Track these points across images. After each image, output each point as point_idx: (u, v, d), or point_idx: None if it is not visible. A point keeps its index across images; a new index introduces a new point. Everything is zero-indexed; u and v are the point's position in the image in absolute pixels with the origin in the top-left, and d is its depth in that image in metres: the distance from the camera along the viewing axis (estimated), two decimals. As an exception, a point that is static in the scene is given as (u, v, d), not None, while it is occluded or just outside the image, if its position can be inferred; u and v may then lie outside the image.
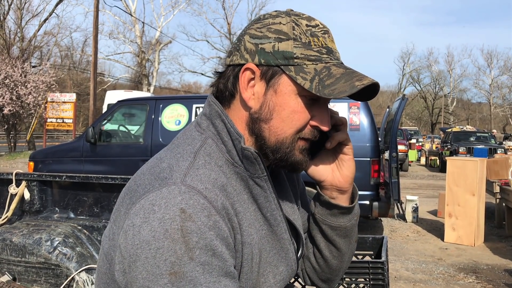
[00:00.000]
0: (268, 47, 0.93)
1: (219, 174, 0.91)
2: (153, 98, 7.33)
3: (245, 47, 0.95)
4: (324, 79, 0.91)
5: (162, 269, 0.78)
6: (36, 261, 2.21)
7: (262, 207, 0.97)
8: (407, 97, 6.86)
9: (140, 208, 0.83)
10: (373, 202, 5.83)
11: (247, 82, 0.95)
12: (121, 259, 0.84)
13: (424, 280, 4.65)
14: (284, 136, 0.95)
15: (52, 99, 19.94)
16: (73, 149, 7.01)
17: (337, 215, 1.09)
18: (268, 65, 0.93)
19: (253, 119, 0.96)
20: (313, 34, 0.94)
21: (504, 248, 5.96)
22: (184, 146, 0.95)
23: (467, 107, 67.50)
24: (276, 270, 1.00)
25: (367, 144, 5.92)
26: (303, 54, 0.92)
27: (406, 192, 10.37)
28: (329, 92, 0.89)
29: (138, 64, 36.76)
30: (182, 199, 0.82)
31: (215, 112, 0.98)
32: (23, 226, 2.35)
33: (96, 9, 19.82)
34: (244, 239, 0.91)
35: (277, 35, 0.93)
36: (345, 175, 1.06)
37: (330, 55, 0.95)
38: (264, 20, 0.96)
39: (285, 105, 0.93)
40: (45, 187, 2.58)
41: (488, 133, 21.01)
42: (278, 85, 0.93)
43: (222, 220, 0.84)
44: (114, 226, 0.91)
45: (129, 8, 33.82)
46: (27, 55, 27.37)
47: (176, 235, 0.78)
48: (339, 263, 1.16)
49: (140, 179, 0.91)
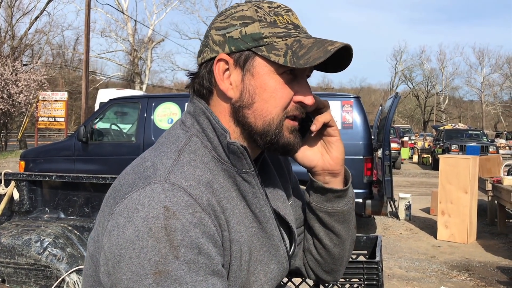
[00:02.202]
0: (235, 34, 0.93)
1: (205, 171, 0.90)
2: (145, 96, 7.29)
3: (213, 40, 0.95)
4: (297, 51, 0.91)
5: (147, 269, 0.76)
6: (26, 263, 2.18)
7: (251, 203, 0.96)
8: (399, 95, 6.88)
9: (123, 207, 0.81)
10: (366, 200, 5.83)
11: (223, 73, 0.94)
12: (105, 260, 0.82)
13: (418, 278, 4.66)
14: (271, 117, 0.94)
15: (44, 97, 19.84)
16: (65, 148, 6.96)
17: (332, 200, 1.08)
18: (239, 51, 0.93)
19: (235, 108, 0.95)
20: (276, 13, 0.95)
21: (496, 245, 5.98)
22: (169, 144, 0.94)
23: (459, 105, 67.95)
24: (267, 268, 0.98)
25: (360, 142, 5.92)
26: (271, 33, 0.92)
27: (399, 190, 10.39)
28: (304, 61, 0.89)
29: (131, 62, 36.64)
30: (165, 196, 0.80)
31: (199, 110, 0.96)
32: (12, 227, 2.32)
33: (88, 7, 19.70)
34: (232, 236, 0.89)
35: (242, 20, 0.93)
36: (335, 157, 1.05)
37: (297, 29, 0.95)
38: (226, 12, 0.97)
39: (265, 86, 0.93)
40: (34, 187, 2.54)
41: (480, 131, 21.14)
42: (253, 68, 0.93)
43: (208, 217, 0.83)
44: (99, 227, 0.89)
45: (121, 6, 33.68)
46: (18, 53, 27.17)
47: (160, 234, 0.77)
48: (341, 251, 1.14)
49: (124, 179, 0.90)
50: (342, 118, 6.01)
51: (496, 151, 17.24)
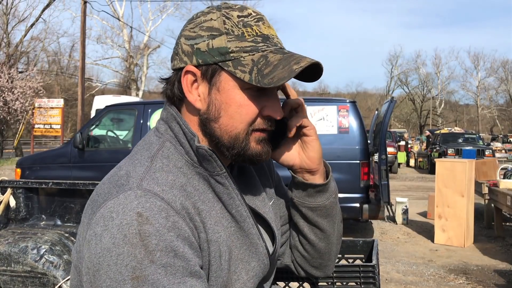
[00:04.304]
0: (203, 46, 0.92)
1: (178, 176, 0.91)
2: (141, 103, 7.28)
3: (182, 50, 0.95)
4: (262, 68, 0.90)
5: (124, 275, 0.77)
6: (22, 270, 2.17)
7: (227, 204, 0.97)
8: (395, 99, 6.91)
9: (100, 216, 0.83)
10: (363, 205, 5.83)
11: (191, 85, 0.95)
12: (87, 270, 0.84)
13: (415, 282, 4.66)
14: (236, 132, 0.94)
15: (40, 104, 19.79)
16: (61, 155, 6.94)
17: (314, 195, 1.09)
18: (206, 64, 0.93)
19: (203, 120, 0.96)
20: (245, 24, 0.93)
21: (493, 249, 5.99)
22: (142, 152, 0.95)
23: (455, 109, 68.18)
24: (248, 266, 0.99)
25: (356, 147, 5.94)
26: (237, 47, 0.91)
27: (396, 194, 10.41)
28: (269, 81, 0.89)
29: (127, 69, 36.63)
30: (138, 203, 0.82)
31: (171, 116, 0.98)
32: (8, 234, 2.31)
33: (84, 14, 19.72)
34: (209, 237, 0.90)
35: (209, 32, 0.92)
36: (311, 156, 1.06)
37: (266, 42, 0.94)
38: (196, 19, 0.96)
39: (231, 101, 0.93)
40: (31, 194, 2.54)
41: (476, 135, 21.20)
42: (220, 83, 0.93)
43: (183, 220, 0.84)
44: (80, 238, 0.90)
45: (117, 12, 33.70)
46: (14, 60, 27.10)
47: (135, 240, 0.78)
48: (327, 245, 1.15)
49: (101, 189, 0.91)
50: (338, 123, 6.02)
51: (492, 154, 17.30)
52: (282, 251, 1.21)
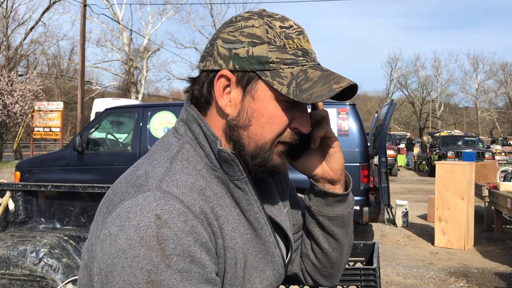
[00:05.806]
0: (242, 52, 0.90)
1: (197, 178, 0.89)
2: (141, 106, 7.28)
3: (218, 52, 0.92)
4: (301, 83, 0.89)
5: (139, 278, 0.75)
6: (21, 273, 2.16)
7: (245, 210, 0.95)
8: (395, 102, 6.90)
9: (116, 216, 0.81)
10: (363, 207, 5.83)
11: (223, 89, 0.92)
12: (98, 270, 0.81)
13: (416, 285, 4.65)
14: (264, 142, 0.93)
15: (39, 107, 19.78)
16: (60, 158, 6.93)
17: (333, 204, 1.08)
18: (243, 71, 0.91)
19: (230, 126, 0.94)
20: (287, 36, 0.92)
21: (493, 251, 5.98)
22: (161, 152, 0.93)
23: (454, 112, 68.21)
24: (263, 275, 0.97)
25: (356, 149, 5.93)
26: (278, 58, 0.90)
27: (396, 197, 10.40)
28: (307, 96, 0.87)
29: (126, 71, 36.62)
30: (157, 205, 0.79)
31: (191, 117, 0.96)
32: (7, 238, 2.30)
33: (83, 17, 19.75)
34: (226, 244, 0.88)
35: (251, 39, 0.90)
36: (334, 168, 1.05)
37: (306, 57, 0.93)
38: (236, 23, 0.93)
39: (264, 111, 0.91)
40: (30, 197, 2.53)
41: (476, 137, 21.21)
42: (255, 91, 0.91)
43: (201, 225, 0.82)
44: (93, 237, 0.88)
45: (117, 15, 33.72)
46: (14, 63, 27.09)
47: (152, 242, 0.76)
48: (339, 255, 1.15)
49: (117, 188, 0.89)
50: (338, 126, 6.02)
51: (492, 157, 17.31)
52: (292, 260, 1.19)
